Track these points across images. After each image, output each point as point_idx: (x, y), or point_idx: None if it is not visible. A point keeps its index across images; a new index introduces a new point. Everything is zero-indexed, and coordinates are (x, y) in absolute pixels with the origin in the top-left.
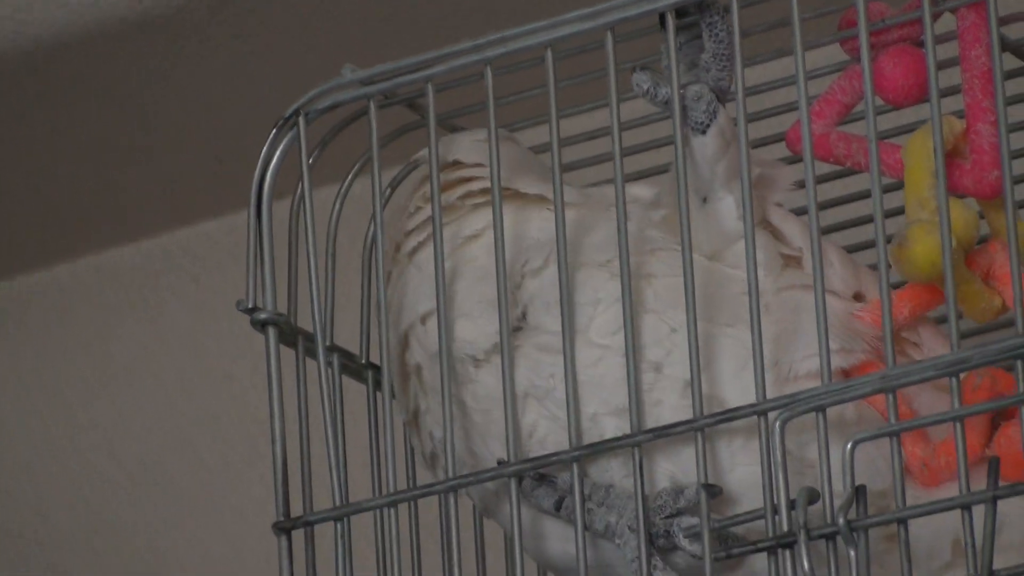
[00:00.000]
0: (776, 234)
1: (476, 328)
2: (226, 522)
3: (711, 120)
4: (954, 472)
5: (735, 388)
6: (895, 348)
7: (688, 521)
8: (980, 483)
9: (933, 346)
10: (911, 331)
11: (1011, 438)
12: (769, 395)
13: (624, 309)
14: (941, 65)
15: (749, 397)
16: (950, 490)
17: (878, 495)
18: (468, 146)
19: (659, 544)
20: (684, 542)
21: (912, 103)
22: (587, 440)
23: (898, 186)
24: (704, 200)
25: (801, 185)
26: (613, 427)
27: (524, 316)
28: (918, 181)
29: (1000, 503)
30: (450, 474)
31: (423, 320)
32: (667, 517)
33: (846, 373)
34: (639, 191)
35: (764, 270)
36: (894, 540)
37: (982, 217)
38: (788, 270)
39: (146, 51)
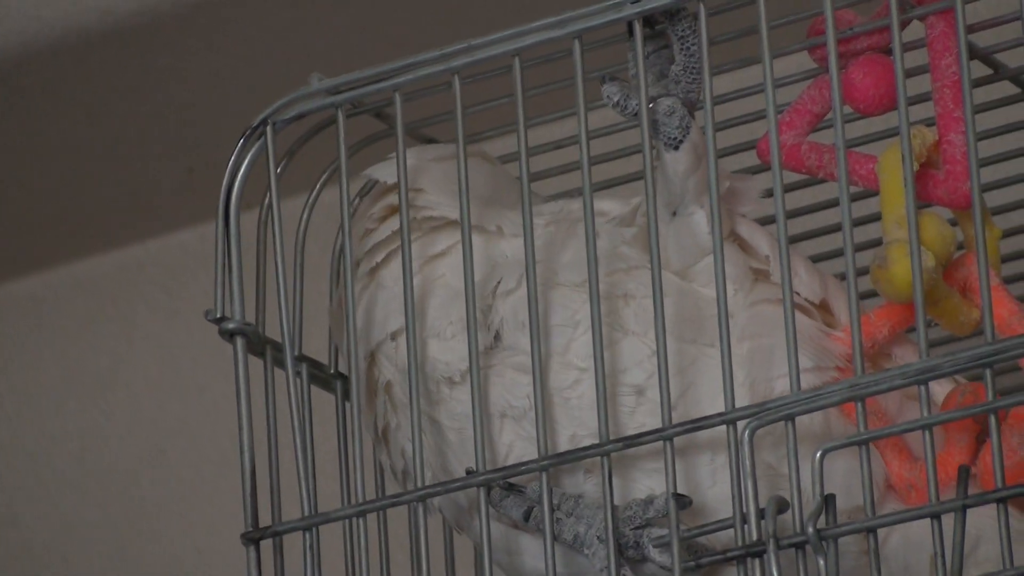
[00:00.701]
0: (744, 246)
1: (449, 349)
2: (197, 532)
3: (684, 136)
4: (943, 491)
5: (716, 407)
6: (869, 364)
7: (657, 531)
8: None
9: (907, 358)
10: (885, 346)
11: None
12: None
13: (593, 323)
14: (911, 73)
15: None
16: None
17: (858, 510)
18: (437, 177)
19: (628, 555)
20: (653, 552)
21: (882, 112)
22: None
23: (866, 194)
24: (673, 214)
25: (770, 194)
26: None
27: (499, 336)
28: (894, 199)
29: (978, 518)
30: (419, 484)
31: (393, 337)
32: (636, 528)
33: None
34: (608, 206)
35: (735, 285)
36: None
37: (955, 224)
38: (759, 284)
39: (117, 62)
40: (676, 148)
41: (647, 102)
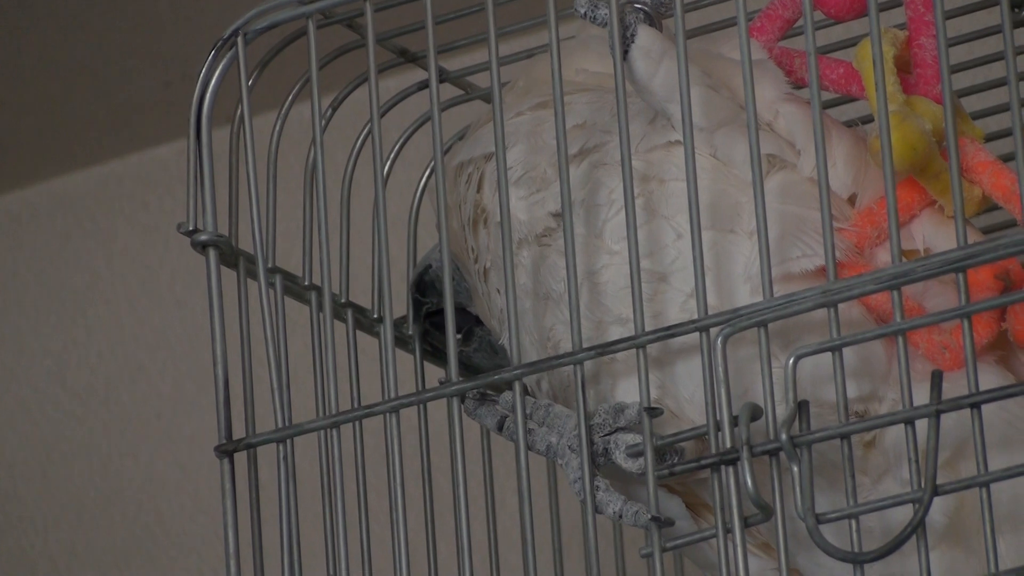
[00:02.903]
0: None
1: (528, 212)
2: (178, 447)
3: (628, 45)
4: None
5: (744, 292)
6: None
7: (629, 438)
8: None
9: (941, 246)
10: (907, 234)
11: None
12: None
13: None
14: None
15: (757, 297)
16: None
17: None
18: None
19: (598, 462)
20: (623, 459)
21: (853, 17)
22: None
23: (841, 100)
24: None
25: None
26: (617, 335)
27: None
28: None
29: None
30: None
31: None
32: (606, 435)
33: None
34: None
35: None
36: (871, 447)
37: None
38: (780, 172)
39: None
40: (623, 58)
41: (619, 6)
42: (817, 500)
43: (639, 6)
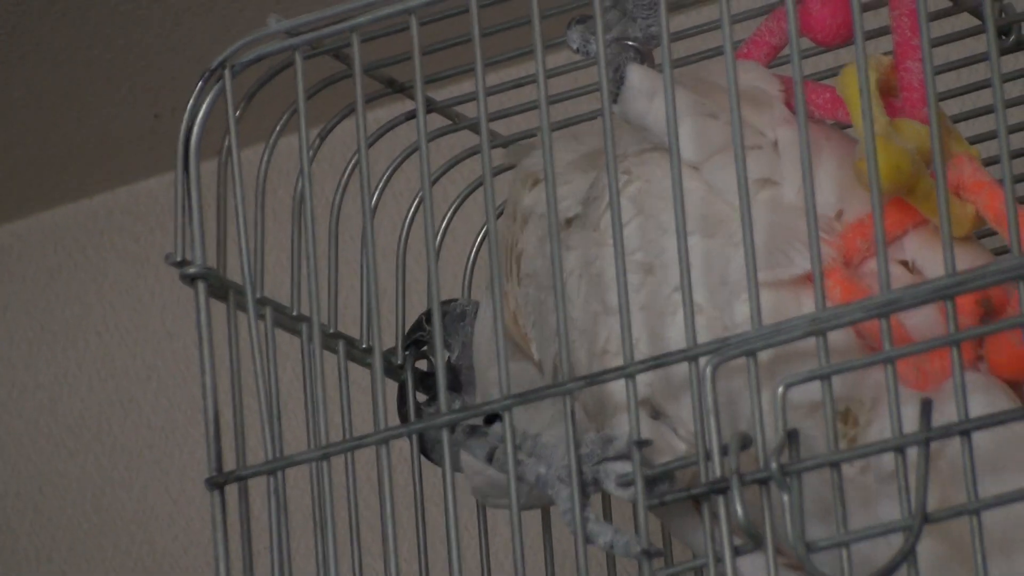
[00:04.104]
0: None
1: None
2: (169, 480)
3: (617, 87)
4: (947, 375)
5: (743, 311)
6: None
7: (619, 468)
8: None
9: (928, 264)
10: (898, 249)
11: (1002, 341)
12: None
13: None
14: (868, 6)
15: (744, 312)
16: (943, 395)
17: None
18: None
19: (588, 492)
20: (613, 488)
21: (841, 43)
22: (591, 337)
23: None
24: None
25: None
26: (609, 327)
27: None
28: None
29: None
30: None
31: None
32: (595, 464)
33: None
34: None
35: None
36: (868, 470)
37: None
38: (769, 190)
39: (80, 7)
40: (614, 101)
41: (609, 43)
42: (814, 518)
43: (630, 43)
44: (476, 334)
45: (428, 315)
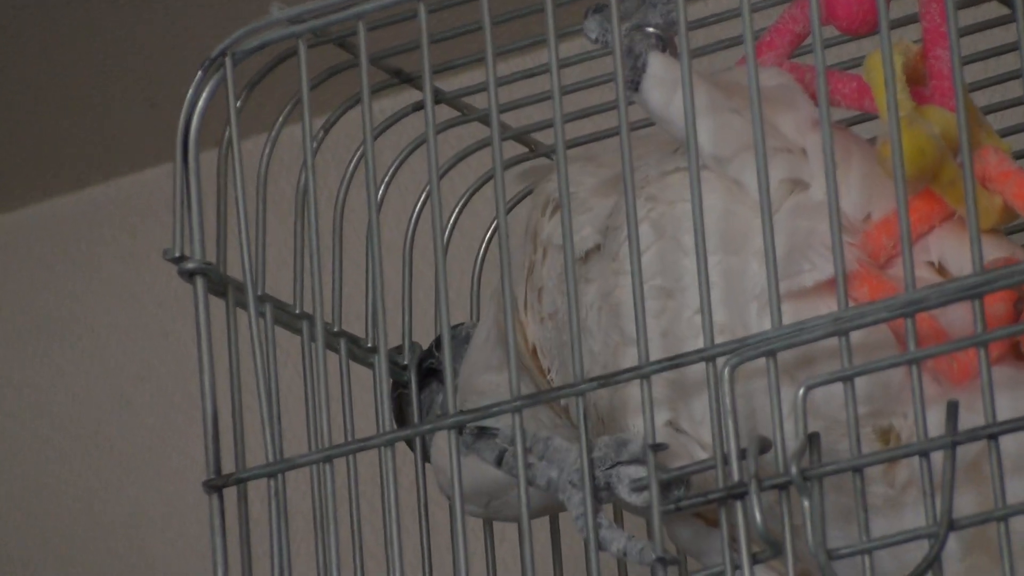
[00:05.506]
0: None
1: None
2: (165, 483)
3: (639, 75)
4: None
5: (752, 311)
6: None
7: (633, 472)
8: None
9: (955, 264)
10: (923, 250)
11: None
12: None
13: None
14: None
15: (765, 323)
16: (973, 389)
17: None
18: None
19: (601, 497)
20: (626, 493)
21: (865, 31)
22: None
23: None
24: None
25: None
26: (631, 358)
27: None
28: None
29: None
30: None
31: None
32: (608, 469)
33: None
34: None
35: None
36: (895, 463)
37: None
38: (794, 195)
39: None
40: (635, 89)
41: (628, 31)
42: (834, 527)
43: (650, 30)
44: (472, 339)
45: (438, 342)
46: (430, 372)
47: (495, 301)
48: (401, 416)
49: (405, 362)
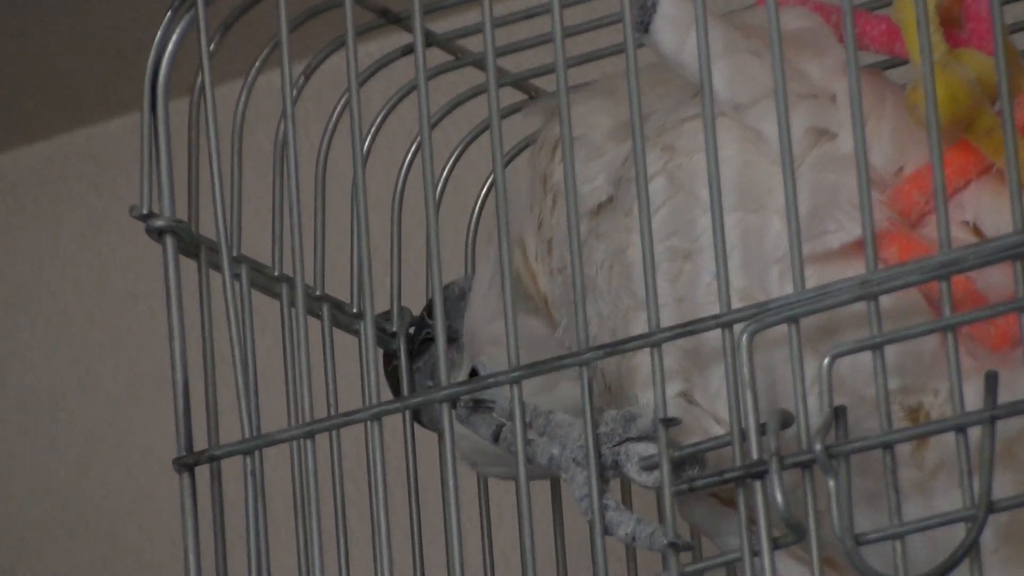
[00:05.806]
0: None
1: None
2: (133, 460)
3: (648, 16)
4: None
5: (774, 275)
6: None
7: (642, 449)
8: None
9: (992, 221)
10: (958, 208)
11: None
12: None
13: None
14: None
15: (787, 288)
16: (1011, 364)
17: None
18: None
19: (607, 475)
20: (635, 472)
21: None
22: (620, 336)
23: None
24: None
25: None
26: (642, 324)
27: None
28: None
29: None
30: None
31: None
32: (615, 445)
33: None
34: None
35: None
36: (924, 443)
37: None
38: (819, 146)
39: None
40: (645, 30)
41: None
42: (859, 511)
43: None
44: (472, 290)
45: (430, 310)
46: (429, 340)
47: (494, 245)
48: (399, 389)
49: (393, 329)
